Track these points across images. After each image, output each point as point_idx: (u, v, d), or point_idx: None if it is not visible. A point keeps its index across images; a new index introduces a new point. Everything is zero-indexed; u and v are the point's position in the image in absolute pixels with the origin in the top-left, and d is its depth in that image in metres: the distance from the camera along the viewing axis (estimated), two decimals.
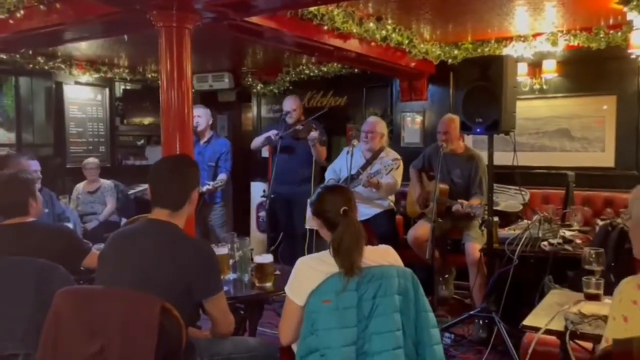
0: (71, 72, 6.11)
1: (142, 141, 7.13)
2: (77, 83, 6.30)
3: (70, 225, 3.70)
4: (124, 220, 5.22)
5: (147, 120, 6.82)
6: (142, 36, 3.83)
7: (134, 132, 7.02)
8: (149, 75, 6.67)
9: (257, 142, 5.24)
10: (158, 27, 3.09)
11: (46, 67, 5.82)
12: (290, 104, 5.07)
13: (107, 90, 6.66)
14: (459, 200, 4.10)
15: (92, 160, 5.67)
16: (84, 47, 5.44)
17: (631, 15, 3.60)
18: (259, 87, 6.78)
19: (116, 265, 2.01)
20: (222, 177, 4.84)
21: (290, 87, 6.48)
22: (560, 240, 3.41)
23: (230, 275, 2.69)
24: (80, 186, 5.66)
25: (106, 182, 5.69)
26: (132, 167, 6.81)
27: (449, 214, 4.24)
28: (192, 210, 2.15)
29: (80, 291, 2.01)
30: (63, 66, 5.93)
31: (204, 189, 4.66)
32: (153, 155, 6.82)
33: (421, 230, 4.37)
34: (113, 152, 6.76)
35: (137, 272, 1.93)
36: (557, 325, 1.92)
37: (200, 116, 4.87)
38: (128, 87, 6.88)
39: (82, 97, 6.42)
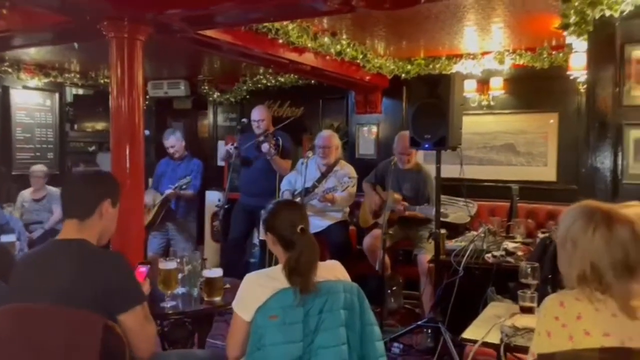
0: (19, 77, 5.93)
1: (93, 147, 6.94)
2: (25, 88, 6.11)
3: (14, 236, 3.58)
4: None
5: (99, 126, 6.67)
6: (95, 42, 3.76)
7: (85, 139, 6.85)
8: (102, 81, 6.52)
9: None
10: (109, 37, 3.06)
11: None
12: (258, 113, 4.84)
13: (57, 95, 6.48)
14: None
15: (38, 168, 5.48)
16: (32, 52, 5.30)
17: (570, 39, 3.80)
18: (215, 96, 6.74)
19: (28, 291, 1.89)
20: (187, 179, 4.80)
21: (247, 97, 6.48)
22: (503, 253, 3.54)
23: (179, 290, 2.66)
24: (25, 193, 5.47)
25: (53, 190, 5.51)
26: None
27: (402, 223, 4.35)
28: (107, 226, 2.00)
29: (21, 309, 1.95)
30: (10, 70, 5.76)
31: (166, 192, 4.76)
32: (105, 162, 6.63)
33: (377, 238, 4.45)
34: (62, 159, 6.57)
35: (52, 296, 1.82)
36: (494, 337, 2.01)
37: (174, 145, 5.05)
38: (80, 92, 6.71)
39: (31, 102, 6.23)
